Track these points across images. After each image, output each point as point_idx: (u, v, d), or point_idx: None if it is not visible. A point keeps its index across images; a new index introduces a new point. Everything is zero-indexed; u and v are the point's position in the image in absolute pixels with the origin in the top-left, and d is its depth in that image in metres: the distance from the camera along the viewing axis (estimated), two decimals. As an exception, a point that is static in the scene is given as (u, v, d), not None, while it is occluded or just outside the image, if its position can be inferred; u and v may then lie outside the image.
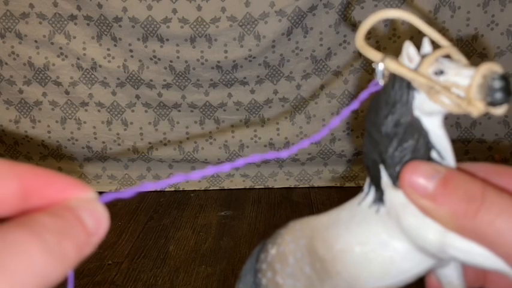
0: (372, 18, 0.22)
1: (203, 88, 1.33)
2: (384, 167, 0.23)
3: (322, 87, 1.33)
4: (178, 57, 1.28)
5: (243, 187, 1.40)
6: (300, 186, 1.39)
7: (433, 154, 0.22)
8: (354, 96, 1.33)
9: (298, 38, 1.27)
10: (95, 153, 1.40)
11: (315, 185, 1.39)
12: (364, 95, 0.23)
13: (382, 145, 0.22)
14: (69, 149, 1.40)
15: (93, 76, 1.33)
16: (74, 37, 1.30)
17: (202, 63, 1.29)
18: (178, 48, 1.27)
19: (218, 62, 1.28)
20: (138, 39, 1.27)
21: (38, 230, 0.17)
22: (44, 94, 1.35)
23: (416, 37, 1.28)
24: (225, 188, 1.41)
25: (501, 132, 1.34)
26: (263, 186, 1.40)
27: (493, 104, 0.19)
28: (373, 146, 0.23)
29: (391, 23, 1.26)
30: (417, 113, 0.22)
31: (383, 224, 0.23)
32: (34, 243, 0.17)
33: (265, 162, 1.39)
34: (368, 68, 1.30)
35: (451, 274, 0.25)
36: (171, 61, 1.29)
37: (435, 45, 0.24)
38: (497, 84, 0.19)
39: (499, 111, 0.20)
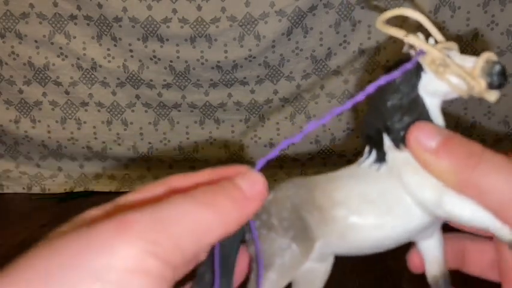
0: (395, 11, 0.26)
1: (203, 88, 1.33)
2: (387, 133, 0.25)
3: (322, 87, 1.33)
4: (178, 57, 1.28)
5: (243, 187, 1.40)
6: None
7: None
8: (351, 96, 1.33)
9: (298, 38, 1.27)
10: (95, 153, 1.40)
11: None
12: (408, 65, 0.25)
13: (387, 115, 0.25)
14: (69, 149, 1.40)
15: (93, 76, 1.33)
16: (74, 37, 1.30)
17: (202, 63, 1.29)
18: (178, 48, 1.27)
19: (218, 62, 1.28)
20: (138, 39, 1.27)
21: (194, 193, 0.21)
22: (44, 94, 1.35)
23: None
24: (225, 188, 1.41)
25: (501, 132, 1.34)
26: (263, 186, 1.40)
27: (491, 85, 0.22)
28: (378, 117, 0.26)
29: (390, 23, 1.25)
30: (421, 92, 0.25)
31: (383, 179, 0.25)
32: (190, 201, 0.20)
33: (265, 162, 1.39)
34: (368, 68, 1.30)
35: (433, 247, 0.27)
36: (171, 61, 1.29)
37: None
38: (497, 68, 0.22)
39: (493, 96, 0.23)
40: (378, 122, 0.26)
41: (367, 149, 0.27)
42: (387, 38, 1.27)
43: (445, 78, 0.23)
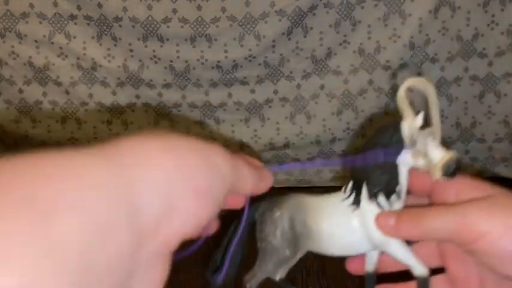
0: (409, 81, 0.33)
1: (203, 88, 1.33)
2: (366, 184, 0.35)
3: (322, 87, 1.33)
4: (178, 57, 1.28)
5: (243, 187, 1.40)
6: (300, 186, 1.39)
7: (397, 188, 0.34)
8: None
9: (298, 38, 1.27)
10: (95, 153, 1.40)
11: (315, 185, 1.39)
12: (394, 155, 0.34)
13: (371, 171, 0.34)
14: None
15: (93, 76, 1.33)
16: (74, 37, 1.30)
17: (202, 63, 1.29)
18: (179, 48, 1.28)
19: (218, 61, 1.28)
20: (138, 39, 1.27)
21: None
22: (44, 94, 1.35)
23: (417, 37, 1.28)
24: (225, 188, 1.41)
25: (501, 132, 1.34)
26: (263, 186, 1.40)
27: (443, 176, 0.31)
28: (364, 169, 0.35)
29: (391, 23, 1.25)
30: (398, 161, 0.34)
31: (354, 218, 0.36)
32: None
33: (265, 162, 1.39)
34: (368, 68, 1.30)
35: (375, 255, 0.38)
36: (171, 61, 1.29)
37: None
38: (451, 169, 0.31)
39: (441, 179, 0.32)
40: (363, 173, 0.35)
41: (350, 186, 0.36)
42: (387, 38, 1.27)
43: (418, 161, 0.33)
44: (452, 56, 1.28)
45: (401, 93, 0.32)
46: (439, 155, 0.31)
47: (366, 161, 0.34)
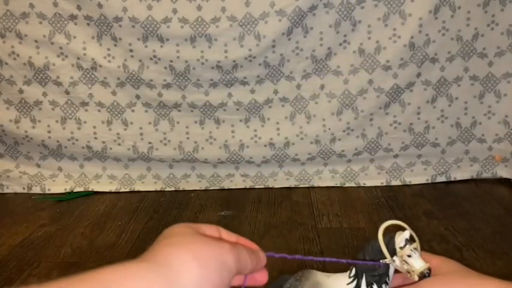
0: (384, 224, 0.44)
1: (203, 88, 1.33)
2: (365, 275, 0.46)
3: (322, 87, 1.33)
4: (178, 57, 1.28)
5: (243, 187, 1.40)
6: (300, 186, 1.39)
7: (387, 280, 0.46)
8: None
9: (298, 38, 1.27)
10: (95, 153, 1.40)
11: (315, 185, 1.39)
12: (379, 264, 0.45)
13: (371, 267, 0.45)
14: (69, 149, 1.40)
15: (93, 76, 1.33)
16: (74, 37, 1.30)
17: (203, 63, 1.29)
18: (179, 48, 1.28)
19: (218, 61, 1.28)
20: (138, 39, 1.27)
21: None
22: (44, 94, 1.35)
23: (417, 37, 1.28)
24: (225, 187, 1.41)
25: (501, 132, 1.34)
26: (263, 186, 1.40)
27: (419, 278, 0.42)
28: (366, 266, 0.46)
29: (391, 23, 1.25)
30: (390, 263, 0.45)
31: None
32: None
33: (265, 162, 1.39)
34: (368, 68, 1.30)
35: None
36: (171, 61, 1.29)
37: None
38: (427, 274, 0.42)
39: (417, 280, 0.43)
40: (365, 267, 0.46)
41: (353, 273, 0.47)
42: (387, 38, 1.27)
43: (402, 267, 0.44)
44: (452, 56, 1.28)
45: (380, 236, 0.44)
46: (419, 265, 0.43)
47: (366, 261, 0.46)
